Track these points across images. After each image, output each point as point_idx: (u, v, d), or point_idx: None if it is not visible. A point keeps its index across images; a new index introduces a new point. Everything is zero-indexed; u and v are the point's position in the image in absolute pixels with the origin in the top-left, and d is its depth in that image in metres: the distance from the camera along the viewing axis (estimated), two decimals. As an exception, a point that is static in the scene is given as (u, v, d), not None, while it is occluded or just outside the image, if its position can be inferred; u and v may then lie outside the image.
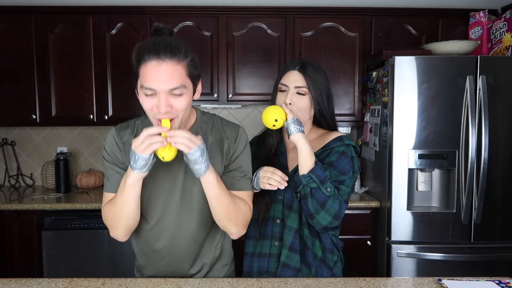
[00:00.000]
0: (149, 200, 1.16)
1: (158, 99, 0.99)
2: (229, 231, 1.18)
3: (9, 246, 2.37)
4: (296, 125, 1.24)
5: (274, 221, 1.33)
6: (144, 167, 1.00)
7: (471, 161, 2.12)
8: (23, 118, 2.64)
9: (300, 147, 1.23)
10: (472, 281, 1.19)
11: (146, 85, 0.99)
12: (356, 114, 2.69)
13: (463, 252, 2.17)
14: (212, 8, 2.61)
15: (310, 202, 1.21)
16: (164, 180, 1.15)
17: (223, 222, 1.14)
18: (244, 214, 1.16)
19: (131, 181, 1.03)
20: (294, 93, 1.31)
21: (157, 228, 1.18)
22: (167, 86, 0.98)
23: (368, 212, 2.42)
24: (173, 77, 0.98)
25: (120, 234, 1.16)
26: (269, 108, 1.31)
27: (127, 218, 1.11)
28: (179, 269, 1.22)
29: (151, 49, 0.99)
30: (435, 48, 2.30)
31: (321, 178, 1.20)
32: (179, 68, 0.99)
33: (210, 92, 2.67)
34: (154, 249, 1.20)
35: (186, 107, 1.04)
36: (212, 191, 1.08)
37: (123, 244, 2.34)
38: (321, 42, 2.66)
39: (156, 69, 0.97)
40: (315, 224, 1.25)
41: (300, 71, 1.32)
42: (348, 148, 1.30)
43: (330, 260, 1.32)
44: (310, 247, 1.30)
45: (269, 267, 1.31)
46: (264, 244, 1.33)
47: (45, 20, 2.60)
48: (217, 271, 1.26)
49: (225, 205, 1.11)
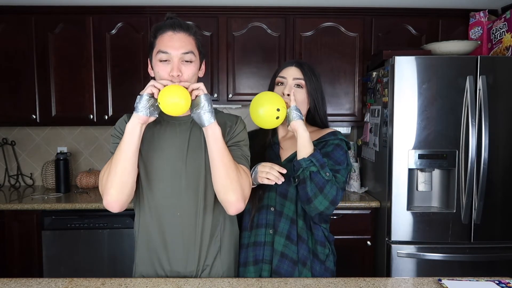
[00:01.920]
0: (154, 174, 1.21)
1: (171, 63, 1.14)
2: (228, 199, 1.15)
3: (9, 246, 2.37)
4: (297, 112, 1.26)
5: (268, 209, 1.34)
6: (143, 108, 1.10)
7: (471, 161, 2.12)
8: (23, 118, 2.64)
9: (301, 133, 1.25)
10: (472, 281, 1.19)
11: (162, 49, 1.14)
12: (356, 114, 2.69)
13: (463, 252, 2.17)
14: (212, 8, 2.61)
15: (309, 186, 1.22)
16: (169, 153, 1.21)
17: (224, 182, 1.13)
18: (245, 182, 1.17)
19: (130, 126, 1.11)
20: (293, 85, 1.36)
21: (162, 204, 1.21)
22: (179, 51, 1.14)
23: (368, 212, 2.42)
24: (185, 44, 1.16)
25: (114, 193, 1.13)
26: (263, 97, 1.28)
27: (122, 173, 1.12)
28: (180, 265, 1.22)
29: (167, 24, 1.18)
30: (435, 48, 2.30)
31: (320, 162, 1.23)
32: (190, 39, 1.18)
33: (210, 92, 2.66)
34: (157, 235, 1.21)
35: (192, 76, 1.18)
36: (216, 145, 1.13)
37: (123, 244, 2.35)
38: (321, 42, 2.66)
39: (171, 37, 1.16)
40: (311, 210, 1.26)
41: (298, 67, 1.38)
42: (342, 142, 1.35)
43: (321, 253, 1.34)
44: (305, 239, 1.32)
45: (264, 255, 1.32)
46: (258, 232, 1.35)
47: (45, 20, 2.60)
48: (216, 268, 1.26)
49: (227, 161, 1.13)
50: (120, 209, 1.17)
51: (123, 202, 1.16)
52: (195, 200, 1.22)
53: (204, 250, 1.24)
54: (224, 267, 1.28)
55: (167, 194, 1.21)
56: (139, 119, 1.10)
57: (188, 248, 1.22)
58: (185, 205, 1.21)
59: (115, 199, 1.14)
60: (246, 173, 1.19)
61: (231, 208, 1.17)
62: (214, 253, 1.26)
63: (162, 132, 1.23)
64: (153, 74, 1.21)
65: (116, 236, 2.35)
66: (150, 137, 1.23)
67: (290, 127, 1.27)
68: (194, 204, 1.22)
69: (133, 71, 2.64)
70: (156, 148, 1.22)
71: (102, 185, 1.15)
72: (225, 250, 1.28)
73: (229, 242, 1.30)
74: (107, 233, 2.35)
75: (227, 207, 1.18)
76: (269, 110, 1.24)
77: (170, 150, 1.22)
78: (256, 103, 1.27)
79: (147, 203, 1.23)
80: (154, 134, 1.24)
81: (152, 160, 1.21)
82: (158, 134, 1.23)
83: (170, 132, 1.24)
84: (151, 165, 1.21)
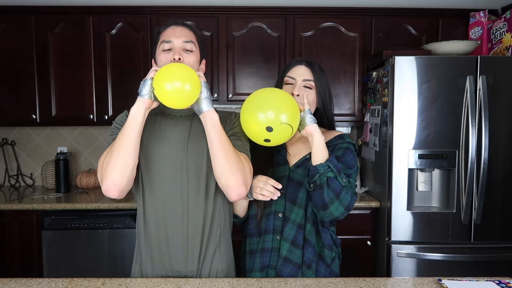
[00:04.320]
0: (154, 165, 1.21)
1: (174, 51, 1.19)
2: (229, 184, 1.14)
3: (9, 246, 2.37)
4: (311, 115, 1.22)
5: (276, 215, 1.32)
6: (148, 92, 1.11)
7: (471, 161, 2.12)
8: (23, 118, 2.64)
9: (317, 137, 1.20)
10: (472, 281, 1.18)
11: (165, 39, 1.21)
12: (356, 114, 2.69)
13: (463, 252, 2.17)
14: (212, 8, 2.61)
15: (326, 192, 1.19)
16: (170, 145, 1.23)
17: (224, 166, 1.12)
18: (245, 166, 1.16)
19: (134, 110, 1.12)
20: (302, 86, 1.32)
21: (164, 196, 1.21)
22: (181, 39, 1.21)
23: (368, 212, 2.42)
24: (186, 34, 1.23)
25: (115, 177, 1.11)
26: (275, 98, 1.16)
27: (125, 156, 1.11)
28: (180, 259, 1.23)
29: (170, 23, 1.26)
30: (435, 48, 2.30)
31: (337, 168, 1.21)
32: (191, 32, 1.26)
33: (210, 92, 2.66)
34: (158, 227, 1.22)
35: (193, 65, 1.21)
36: (214, 130, 1.13)
37: (123, 244, 2.35)
38: (321, 42, 2.66)
39: (173, 29, 1.24)
40: (326, 216, 1.24)
41: (308, 66, 1.34)
42: (351, 145, 1.34)
43: (328, 256, 1.32)
44: (312, 243, 1.31)
45: (271, 261, 1.31)
46: (265, 239, 1.33)
47: (45, 20, 2.60)
48: (216, 262, 1.26)
49: (226, 146, 1.14)
50: (119, 195, 1.14)
51: (123, 187, 1.13)
52: (197, 191, 1.22)
53: (205, 242, 1.24)
54: (223, 264, 1.28)
55: (168, 185, 1.21)
56: (144, 103, 1.11)
57: (189, 240, 1.22)
58: (186, 197, 1.21)
59: (116, 183, 1.11)
60: (246, 159, 1.19)
61: (232, 193, 1.15)
62: (214, 246, 1.26)
63: (164, 124, 1.25)
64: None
65: (116, 236, 2.35)
66: (151, 129, 1.24)
67: (305, 131, 1.21)
68: (195, 196, 1.22)
69: (133, 71, 2.64)
70: (157, 139, 1.23)
71: (102, 169, 1.13)
72: (223, 243, 1.29)
73: (227, 235, 1.31)
74: (107, 233, 2.35)
75: (229, 193, 1.16)
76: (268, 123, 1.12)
77: (170, 142, 1.22)
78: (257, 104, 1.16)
79: (149, 195, 1.23)
80: (155, 125, 1.25)
81: (153, 151, 1.22)
82: (159, 125, 1.25)
83: (171, 123, 1.25)
84: (152, 156, 1.22)
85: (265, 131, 1.13)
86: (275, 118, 1.11)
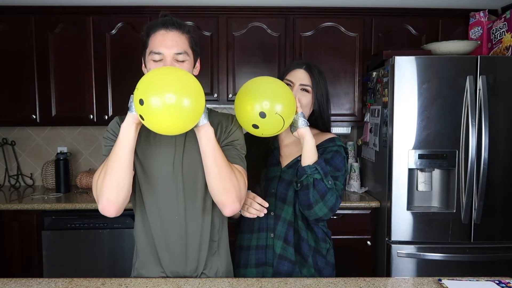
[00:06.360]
0: (151, 176, 1.19)
1: (164, 62, 1.11)
2: (222, 201, 1.13)
3: (9, 246, 2.37)
4: (304, 119, 1.26)
5: (269, 214, 1.36)
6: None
7: (471, 161, 2.12)
8: (23, 118, 2.64)
9: (308, 140, 1.25)
10: (472, 281, 1.19)
11: (155, 50, 1.12)
12: (356, 114, 2.69)
13: (463, 252, 2.17)
14: (212, 8, 2.61)
15: (312, 193, 1.24)
16: (166, 156, 1.19)
17: (218, 183, 1.11)
18: (239, 182, 1.14)
19: (124, 126, 1.07)
20: (299, 89, 1.36)
21: (160, 207, 1.19)
22: (172, 51, 1.11)
23: (368, 212, 2.42)
24: (178, 44, 1.12)
25: (110, 197, 1.09)
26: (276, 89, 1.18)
27: (118, 175, 1.08)
28: (179, 267, 1.22)
29: (159, 23, 1.14)
30: (435, 48, 2.30)
31: (324, 170, 1.25)
32: (183, 38, 1.14)
33: (210, 92, 2.67)
34: (156, 237, 1.21)
35: None
36: (208, 146, 1.10)
37: (123, 244, 2.35)
38: (321, 42, 2.66)
39: (163, 36, 1.12)
40: (310, 215, 1.29)
41: (307, 70, 1.37)
42: (341, 148, 1.37)
43: (323, 248, 1.38)
44: (305, 238, 1.35)
45: (267, 258, 1.35)
46: (260, 236, 1.37)
47: (45, 20, 2.60)
48: (215, 268, 1.27)
49: (220, 163, 1.10)
50: (116, 214, 1.12)
51: (119, 206, 1.11)
52: (193, 203, 1.20)
53: (204, 252, 1.23)
54: (222, 268, 1.28)
55: (164, 196, 1.20)
56: (134, 118, 1.06)
57: (187, 251, 1.22)
58: (183, 208, 1.20)
59: (112, 203, 1.10)
60: (241, 173, 1.17)
61: (226, 209, 1.15)
62: (212, 254, 1.26)
63: (158, 135, 1.19)
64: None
65: (116, 236, 2.35)
66: (146, 139, 1.20)
67: (297, 133, 1.26)
68: (192, 207, 1.20)
69: (133, 71, 2.63)
70: (153, 150, 1.19)
71: (97, 189, 1.10)
72: (223, 250, 1.29)
73: (225, 242, 1.31)
74: (107, 233, 2.35)
75: (222, 208, 1.16)
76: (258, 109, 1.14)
77: (166, 152, 1.20)
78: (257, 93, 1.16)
79: (146, 206, 1.21)
80: (150, 136, 1.21)
81: (149, 162, 1.19)
82: (154, 136, 1.20)
83: (166, 135, 1.20)
84: (148, 167, 1.19)
85: (257, 116, 1.15)
86: (271, 106, 1.14)
